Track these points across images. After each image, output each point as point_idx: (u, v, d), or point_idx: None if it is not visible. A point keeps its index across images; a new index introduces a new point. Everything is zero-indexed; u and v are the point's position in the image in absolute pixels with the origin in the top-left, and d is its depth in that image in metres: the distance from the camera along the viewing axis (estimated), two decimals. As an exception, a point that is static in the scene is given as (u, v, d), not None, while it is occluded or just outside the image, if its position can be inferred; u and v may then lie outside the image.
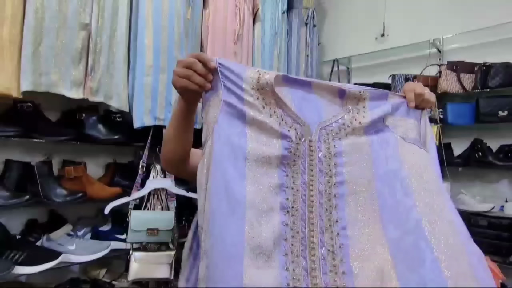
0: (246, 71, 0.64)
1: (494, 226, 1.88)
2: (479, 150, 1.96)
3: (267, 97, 0.62)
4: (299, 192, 0.59)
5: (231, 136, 0.60)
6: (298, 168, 0.61)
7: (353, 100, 0.67)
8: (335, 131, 0.64)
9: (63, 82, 1.35)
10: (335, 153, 0.63)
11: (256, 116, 0.61)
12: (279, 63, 2.38)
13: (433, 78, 2.12)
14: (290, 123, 0.62)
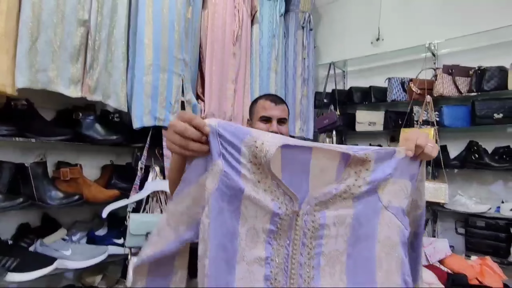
0: (243, 140, 0.63)
1: (491, 227, 1.91)
2: (476, 152, 1.99)
3: (263, 170, 0.64)
4: (281, 264, 0.64)
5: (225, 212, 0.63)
6: (283, 242, 0.65)
7: (356, 165, 0.65)
8: (324, 202, 0.66)
9: (60, 80, 1.30)
10: (318, 225, 0.65)
11: (251, 193, 0.63)
12: (277, 65, 2.38)
13: (429, 82, 2.16)
14: (282, 198, 0.65)
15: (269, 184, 0.64)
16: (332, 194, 0.65)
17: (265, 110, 1.26)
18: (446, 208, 2.07)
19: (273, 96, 1.32)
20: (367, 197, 0.66)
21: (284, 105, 1.30)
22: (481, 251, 1.88)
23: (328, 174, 0.67)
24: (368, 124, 2.44)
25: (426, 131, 2.08)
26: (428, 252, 1.55)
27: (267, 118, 1.25)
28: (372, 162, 0.65)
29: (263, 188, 0.64)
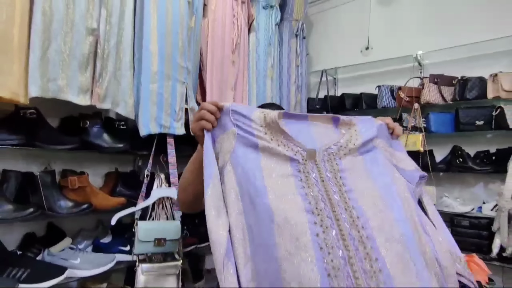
0: (253, 112, 0.76)
1: (474, 226, 2.06)
2: (460, 156, 2.14)
3: (274, 131, 0.74)
4: (318, 197, 0.66)
5: (248, 161, 0.70)
6: (311, 181, 0.69)
7: (345, 126, 0.80)
8: (335, 152, 0.75)
9: (70, 88, 1.30)
10: (339, 169, 0.72)
11: (266, 144, 0.72)
12: (272, 72, 2.44)
13: (417, 90, 2.29)
14: (296, 149, 0.73)
15: (281, 140, 0.73)
16: (338, 146, 0.76)
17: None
18: (433, 209, 2.21)
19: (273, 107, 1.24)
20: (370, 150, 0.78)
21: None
22: (466, 248, 2.02)
23: (327, 133, 0.79)
24: (359, 129, 2.55)
25: (415, 137, 2.21)
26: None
27: None
28: (357, 124, 0.80)
29: (277, 143, 0.73)
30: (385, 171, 0.75)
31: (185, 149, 1.79)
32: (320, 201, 0.65)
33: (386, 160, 0.78)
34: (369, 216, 0.64)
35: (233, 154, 0.71)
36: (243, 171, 0.69)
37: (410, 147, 2.19)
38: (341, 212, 0.64)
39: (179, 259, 1.59)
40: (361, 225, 0.62)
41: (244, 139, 0.73)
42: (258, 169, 0.69)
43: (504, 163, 1.97)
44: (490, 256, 1.95)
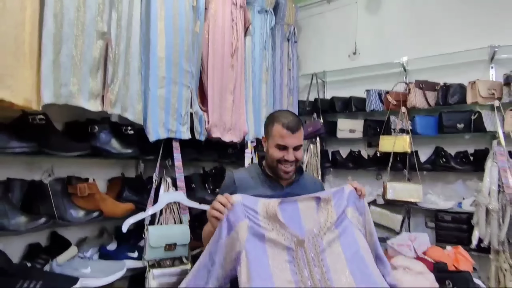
0: (257, 204, 1.02)
1: (456, 220, 2.24)
2: (443, 157, 2.31)
3: (273, 222, 1.00)
4: (306, 283, 0.92)
5: (257, 251, 0.96)
6: (301, 267, 0.95)
7: (324, 202, 1.06)
8: (317, 233, 1.01)
9: (81, 94, 1.26)
10: (320, 251, 0.98)
11: (271, 237, 0.98)
12: (267, 76, 2.49)
13: (403, 94, 2.44)
14: (290, 238, 0.98)
15: (278, 230, 0.99)
16: (319, 227, 1.02)
17: (282, 139, 1.22)
18: (418, 206, 2.37)
19: (291, 122, 1.23)
20: (342, 221, 1.05)
21: (301, 129, 1.26)
22: (448, 241, 2.19)
23: (311, 215, 1.05)
24: (349, 131, 2.67)
25: (402, 138, 2.36)
26: (416, 246, 1.78)
27: (284, 147, 1.22)
28: (332, 200, 1.07)
29: (276, 233, 0.99)
30: (353, 239, 1.02)
31: (189, 152, 1.79)
32: (307, 282, 0.93)
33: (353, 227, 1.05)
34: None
35: (247, 243, 0.96)
36: (255, 257, 0.95)
37: (398, 148, 2.34)
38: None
39: (188, 263, 1.59)
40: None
41: (253, 230, 0.98)
42: (265, 256, 0.95)
43: (481, 162, 2.16)
44: (470, 247, 2.13)
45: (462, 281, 1.60)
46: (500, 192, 1.98)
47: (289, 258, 0.96)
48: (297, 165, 1.28)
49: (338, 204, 1.07)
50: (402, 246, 1.80)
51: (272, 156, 1.25)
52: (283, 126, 1.22)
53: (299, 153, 1.26)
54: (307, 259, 0.96)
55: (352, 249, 1.00)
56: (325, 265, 0.96)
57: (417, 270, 1.58)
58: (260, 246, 0.96)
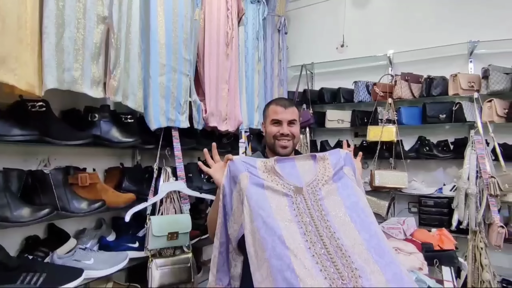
0: (257, 162, 1.08)
1: (437, 204, 2.39)
2: (426, 145, 2.45)
3: (272, 174, 1.05)
4: (307, 222, 0.95)
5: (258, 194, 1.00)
6: (301, 211, 0.97)
7: (321, 160, 1.11)
8: (315, 184, 1.03)
9: (84, 80, 1.22)
10: (319, 199, 1.00)
11: (269, 185, 1.01)
12: (260, 66, 2.50)
13: (390, 86, 2.55)
14: (288, 187, 1.02)
15: (277, 181, 1.04)
16: (317, 180, 1.05)
17: (276, 114, 1.33)
18: (402, 192, 2.51)
19: (283, 101, 1.37)
20: (340, 177, 1.07)
21: (294, 107, 1.36)
22: (431, 224, 2.34)
23: (309, 170, 1.08)
24: (337, 121, 2.75)
25: (389, 128, 2.46)
26: (404, 229, 1.89)
27: (278, 121, 1.32)
28: (329, 158, 1.11)
29: (275, 183, 1.03)
30: (352, 192, 1.04)
31: (188, 142, 1.78)
32: (308, 225, 0.94)
33: (352, 182, 1.07)
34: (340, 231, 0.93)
35: (248, 190, 1.01)
36: (256, 201, 0.98)
37: (385, 138, 2.44)
38: (323, 230, 0.93)
39: (189, 252, 1.60)
40: (336, 237, 0.92)
41: (253, 179, 1.03)
42: (266, 200, 0.98)
43: (461, 150, 2.31)
44: (450, 229, 2.28)
45: (448, 259, 1.73)
46: (478, 177, 2.14)
47: (288, 204, 0.98)
48: (294, 142, 1.34)
49: (334, 162, 1.09)
50: (392, 229, 1.90)
51: (270, 134, 1.34)
52: (276, 104, 1.36)
53: (295, 129, 1.34)
54: (306, 204, 0.98)
55: (352, 199, 1.01)
56: (324, 209, 0.97)
57: (408, 251, 1.69)
58: (261, 192, 0.99)
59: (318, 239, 0.90)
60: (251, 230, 0.94)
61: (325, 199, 1.00)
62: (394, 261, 0.88)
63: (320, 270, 0.84)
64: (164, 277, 1.48)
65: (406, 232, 1.90)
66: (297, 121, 1.40)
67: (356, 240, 0.90)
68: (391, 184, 2.40)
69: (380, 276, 0.83)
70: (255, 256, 0.91)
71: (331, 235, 0.91)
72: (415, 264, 1.59)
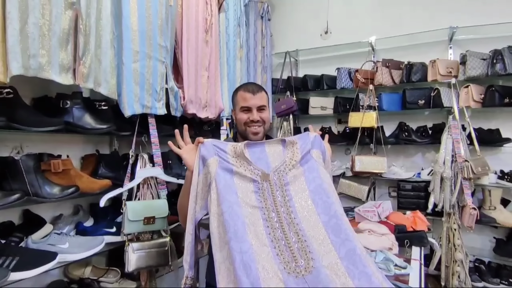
0: (227, 146, 1.10)
1: (415, 188, 2.45)
2: (406, 131, 2.49)
3: (241, 159, 1.08)
4: (270, 209, 1.00)
5: (226, 181, 1.03)
6: (265, 196, 1.02)
7: (290, 144, 1.13)
8: (282, 169, 1.07)
9: (51, 66, 1.21)
10: (284, 184, 1.05)
11: (238, 171, 1.05)
12: (241, 53, 2.49)
13: (371, 72, 2.56)
14: (256, 172, 1.05)
15: (246, 166, 1.07)
16: (284, 164, 1.08)
17: (245, 100, 1.31)
18: (383, 177, 2.56)
19: (251, 86, 1.35)
20: (307, 161, 1.11)
21: (263, 92, 1.35)
22: (409, 208, 2.40)
23: (278, 155, 1.12)
24: (321, 108, 2.77)
25: (369, 114, 2.50)
26: (379, 211, 1.95)
27: (248, 108, 1.31)
28: (298, 142, 1.14)
29: (244, 169, 1.06)
30: (317, 175, 1.08)
31: (165, 129, 1.79)
32: (271, 211, 0.99)
33: (318, 165, 1.11)
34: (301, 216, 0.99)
35: (217, 175, 1.04)
36: (224, 186, 1.02)
37: (365, 124, 2.48)
38: (284, 216, 0.99)
39: (167, 236, 1.63)
40: (296, 222, 0.98)
41: (223, 164, 1.06)
42: (233, 186, 1.02)
43: (438, 135, 2.36)
44: (426, 212, 2.35)
45: (418, 239, 1.79)
46: (453, 161, 2.19)
47: (255, 189, 1.03)
48: (265, 127, 1.35)
49: (303, 147, 1.13)
50: (367, 212, 1.96)
51: (240, 121, 1.34)
52: (244, 91, 1.34)
53: (264, 114, 1.34)
54: (271, 190, 1.03)
55: (316, 182, 1.06)
56: (288, 194, 1.03)
57: (380, 232, 1.74)
58: (229, 177, 1.03)
59: (279, 225, 0.96)
60: (217, 212, 0.99)
61: (291, 184, 1.05)
62: (349, 238, 0.93)
63: (276, 254, 0.90)
64: (140, 260, 1.52)
65: (381, 214, 1.96)
66: (267, 106, 1.40)
67: (315, 223, 0.97)
68: (371, 169, 2.45)
69: (334, 255, 0.90)
70: (218, 237, 0.96)
71: (291, 220, 0.98)
72: (386, 245, 1.64)
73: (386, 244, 1.65)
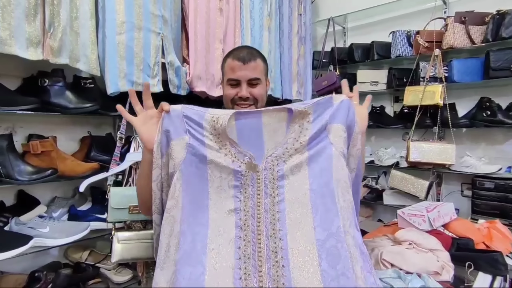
0: (204, 117, 0.79)
1: (500, 188, 1.79)
2: (487, 109, 1.82)
3: (223, 139, 0.78)
4: (249, 213, 0.75)
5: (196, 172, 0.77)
6: (248, 194, 0.76)
7: (299, 116, 0.79)
8: (280, 155, 0.78)
9: (15, 41, 1.13)
10: (278, 177, 0.77)
11: (214, 158, 0.77)
12: (270, 22, 2.16)
13: (438, 33, 1.94)
14: (242, 158, 0.77)
15: (229, 149, 0.78)
16: (284, 148, 0.78)
17: (233, 71, 1.07)
18: (452, 170, 1.95)
19: (243, 52, 1.10)
20: (319, 142, 0.79)
21: (257, 60, 1.09)
22: (488, 213, 1.78)
23: (279, 133, 0.80)
24: (370, 83, 2.26)
25: (433, 88, 1.90)
26: (432, 217, 1.44)
27: (236, 81, 1.07)
28: (311, 113, 0.80)
29: (224, 153, 0.78)
30: (328, 166, 0.78)
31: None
32: (250, 217, 0.74)
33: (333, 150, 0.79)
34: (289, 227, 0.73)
35: (183, 163, 0.77)
36: (191, 180, 0.76)
37: (427, 101, 1.90)
38: (266, 225, 0.73)
39: (162, 227, 1.48)
40: (279, 238, 0.72)
41: (194, 149, 0.77)
42: (205, 181, 0.77)
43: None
44: (514, 222, 1.70)
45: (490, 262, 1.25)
46: None
47: (235, 183, 0.77)
48: (258, 107, 1.07)
49: (317, 120, 0.79)
50: (414, 216, 1.47)
51: (227, 97, 1.10)
52: (233, 58, 1.08)
53: (257, 90, 1.08)
54: (257, 187, 0.76)
55: (323, 178, 0.76)
56: (279, 193, 0.76)
57: (427, 246, 1.27)
58: (200, 167, 0.77)
59: (255, 237, 0.73)
60: (172, 218, 0.76)
61: (287, 178, 0.77)
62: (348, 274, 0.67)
63: (239, 278, 0.68)
64: (126, 252, 1.39)
65: (435, 221, 1.45)
66: (263, 79, 1.12)
67: (306, 242, 0.71)
68: (433, 160, 1.89)
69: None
70: (166, 250, 0.75)
71: (274, 233, 0.73)
72: (430, 266, 1.17)
73: (431, 265, 1.18)
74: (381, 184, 2.24)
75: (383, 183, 2.22)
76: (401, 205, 1.88)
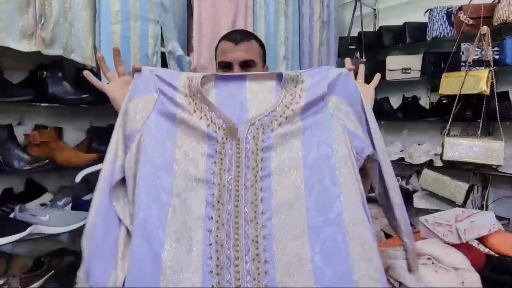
0: (179, 79, 0.70)
1: None
2: (548, 98, 1.48)
3: (199, 101, 0.68)
4: (225, 187, 0.63)
5: (162, 134, 0.67)
6: (225, 166, 0.65)
7: (291, 83, 0.69)
8: (267, 123, 0.67)
9: (8, 33, 1.16)
10: (263, 147, 0.65)
11: (185, 118, 0.67)
12: (286, 7, 2.00)
13: (487, 7, 1.62)
14: (220, 123, 0.67)
15: (205, 112, 0.68)
16: (272, 115, 0.67)
17: (224, 54, 0.99)
18: (501, 172, 1.63)
19: (235, 34, 1.02)
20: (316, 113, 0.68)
21: (252, 41, 1.00)
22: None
23: (265, 99, 0.69)
24: (402, 71, 1.98)
25: (477, 74, 1.59)
26: (462, 228, 1.20)
27: (227, 64, 0.98)
28: (306, 80, 0.69)
29: (199, 116, 0.67)
30: (326, 139, 0.66)
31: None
32: (225, 193, 0.63)
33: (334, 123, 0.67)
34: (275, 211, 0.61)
35: (149, 121, 0.68)
36: (154, 138, 0.66)
37: (468, 89, 1.60)
38: (245, 206, 0.61)
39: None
40: (261, 223, 0.60)
41: (163, 106, 0.68)
42: (172, 142, 0.66)
43: None
44: None
45: (532, 290, 1.00)
46: None
47: (208, 151, 0.66)
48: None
49: (313, 89, 0.69)
50: (439, 225, 1.24)
51: None
52: (225, 39, 1.00)
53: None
54: (237, 156, 0.65)
55: (321, 151, 0.65)
56: (265, 166, 0.64)
57: (449, 264, 1.05)
58: (168, 128, 0.67)
59: (231, 220, 0.60)
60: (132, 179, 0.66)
61: (274, 149, 0.65)
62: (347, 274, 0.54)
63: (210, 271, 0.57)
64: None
65: (465, 233, 1.21)
66: (257, 61, 1.01)
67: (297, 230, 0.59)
68: (474, 159, 1.59)
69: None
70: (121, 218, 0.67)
71: (255, 217, 0.60)
72: (447, 288, 0.97)
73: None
74: (413, 184, 1.97)
75: (415, 183, 1.95)
76: (435, 210, 1.62)
